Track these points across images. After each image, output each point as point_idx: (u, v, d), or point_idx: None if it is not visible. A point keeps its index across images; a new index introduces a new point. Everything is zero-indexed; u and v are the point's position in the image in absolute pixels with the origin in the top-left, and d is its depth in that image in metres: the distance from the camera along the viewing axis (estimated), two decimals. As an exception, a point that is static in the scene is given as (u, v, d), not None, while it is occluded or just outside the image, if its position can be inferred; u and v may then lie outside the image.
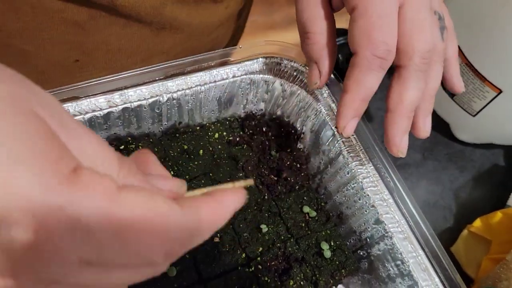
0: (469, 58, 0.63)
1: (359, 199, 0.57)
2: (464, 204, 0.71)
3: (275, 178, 0.60)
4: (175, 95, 0.57)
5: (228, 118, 0.64)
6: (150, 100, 0.56)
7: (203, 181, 0.57)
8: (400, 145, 0.50)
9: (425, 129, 0.52)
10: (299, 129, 0.63)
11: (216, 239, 0.53)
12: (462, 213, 0.70)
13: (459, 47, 0.62)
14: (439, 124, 0.76)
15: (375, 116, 0.76)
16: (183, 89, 0.57)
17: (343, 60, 0.72)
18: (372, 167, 0.57)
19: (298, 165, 0.62)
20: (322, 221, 0.58)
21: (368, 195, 0.56)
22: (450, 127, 0.75)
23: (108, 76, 0.54)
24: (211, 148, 0.60)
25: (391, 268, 0.54)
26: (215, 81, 0.59)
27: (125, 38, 0.63)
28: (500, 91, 0.62)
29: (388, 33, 0.45)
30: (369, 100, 0.49)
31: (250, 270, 0.53)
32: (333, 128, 0.59)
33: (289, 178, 0.60)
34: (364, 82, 0.47)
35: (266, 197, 0.58)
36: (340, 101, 0.49)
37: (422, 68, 0.47)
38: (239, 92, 0.61)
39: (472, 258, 0.64)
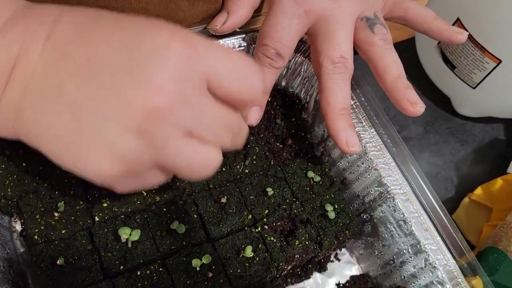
0: (469, 29, 0.65)
1: (362, 163, 0.58)
2: (465, 175, 0.72)
3: (280, 146, 0.62)
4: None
5: (234, 89, 0.65)
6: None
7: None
8: (348, 141, 0.53)
9: (413, 103, 0.54)
10: (303, 99, 0.65)
11: (223, 200, 0.55)
12: (463, 184, 0.71)
13: (458, 18, 0.64)
14: (440, 99, 0.77)
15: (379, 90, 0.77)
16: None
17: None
18: (375, 132, 0.59)
19: (303, 134, 0.64)
20: (326, 185, 0.59)
21: (371, 158, 0.57)
22: (451, 102, 0.76)
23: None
24: (217, 116, 0.61)
25: (393, 229, 0.56)
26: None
27: (161, 7, 0.64)
28: (500, 61, 0.64)
29: (277, 41, 0.53)
30: (267, 92, 0.57)
31: (257, 230, 0.54)
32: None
33: (293, 146, 0.62)
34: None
35: (272, 163, 0.60)
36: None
37: (336, 71, 0.53)
38: (245, 62, 0.63)
39: (473, 225, 0.65)
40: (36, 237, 0.50)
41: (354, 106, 0.60)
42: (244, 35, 0.61)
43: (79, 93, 0.35)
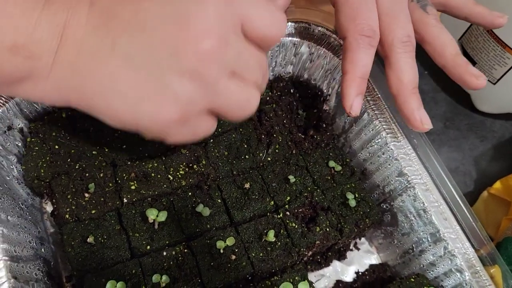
0: (491, 25, 0.65)
1: (383, 154, 0.59)
2: (484, 170, 0.73)
3: (302, 136, 0.63)
4: (209, 53, 0.60)
5: (258, 80, 0.67)
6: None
7: (233, 135, 0.60)
8: (423, 120, 0.54)
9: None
10: (325, 91, 0.66)
11: (247, 185, 0.56)
12: (481, 179, 0.72)
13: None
14: (460, 95, 0.78)
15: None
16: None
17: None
18: (396, 123, 0.60)
19: (324, 125, 0.65)
20: (347, 175, 0.61)
21: (391, 149, 0.58)
22: (471, 98, 0.77)
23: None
24: (241, 106, 0.63)
25: (413, 218, 0.57)
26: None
27: None
28: (521, 57, 0.65)
29: (369, 17, 0.53)
30: (367, 77, 0.54)
31: (278, 216, 0.55)
32: (358, 87, 0.62)
33: (315, 136, 0.63)
34: (358, 61, 0.53)
35: (293, 152, 0.61)
36: (341, 83, 0.54)
37: (407, 50, 0.53)
38: (269, 54, 0.64)
39: (491, 218, 0.66)
40: (67, 216, 0.51)
41: (376, 98, 0.61)
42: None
43: (132, 46, 0.37)
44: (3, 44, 0.36)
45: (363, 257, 0.62)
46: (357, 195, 0.58)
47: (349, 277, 0.60)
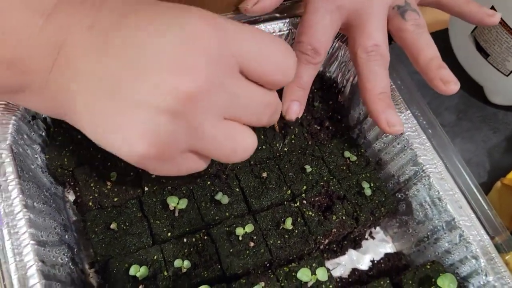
0: (503, 17, 0.66)
1: (398, 144, 0.60)
2: (497, 162, 0.73)
3: (318, 127, 0.64)
4: (226, 45, 0.62)
5: (273, 73, 0.68)
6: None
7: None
8: (389, 121, 0.55)
9: (446, 81, 0.55)
10: (340, 83, 0.67)
11: (264, 175, 0.57)
12: (495, 170, 0.73)
13: (493, 6, 0.65)
14: (473, 88, 0.79)
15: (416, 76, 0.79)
16: (233, 41, 0.62)
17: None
18: (411, 114, 0.60)
19: (339, 117, 0.66)
20: (362, 165, 0.62)
21: (406, 139, 0.59)
22: (484, 90, 0.78)
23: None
24: (258, 97, 0.64)
25: (428, 207, 0.58)
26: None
27: None
28: (534, 48, 0.65)
29: (313, 35, 0.56)
30: (306, 88, 0.58)
31: (295, 205, 0.57)
32: (373, 79, 0.62)
33: (330, 128, 0.64)
34: (298, 73, 0.56)
35: (309, 143, 0.62)
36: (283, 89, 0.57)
37: (371, 58, 0.56)
38: (285, 46, 0.65)
39: (505, 208, 0.66)
40: (90, 203, 0.53)
41: (391, 89, 0.61)
42: (286, 20, 0.64)
43: (116, 76, 0.37)
44: (1, 58, 0.37)
45: (378, 246, 0.63)
46: (372, 185, 0.59)
47: (364, 265, 0.61)
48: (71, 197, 0.58)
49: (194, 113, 0.37)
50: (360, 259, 0.62)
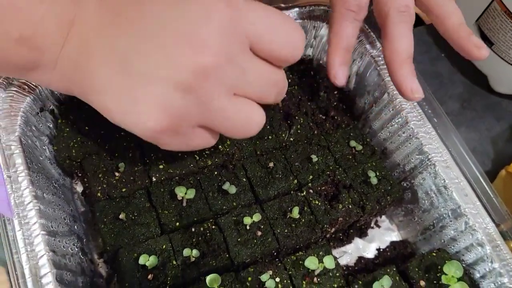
0: (507, 5, 0.66)
1: (403, 133, 0.60)
2: (502, 150, 0.74)
3: (323, 117, 0.64)
4: (231, 36, 0.62)
5: (278, 63, 0.68)
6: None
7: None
8: (413, 89, 0.53)
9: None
10: (344, 73, 0.67)
11: (271, 164, 0.58)
12: (499, 159, 0.73)
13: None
14: (477, 77, 0.79)
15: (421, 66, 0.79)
16: (239, 31, 0.62)
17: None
18: (416, 103, 0.61)
19: (344, 106, 0.66)
20: (368, 154, 0.62)
21: (412, 128, 0.59)
22: (488, 79, 0.78)
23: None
24: (263, 88, 0.64)
25: (433, 195, 0.58)
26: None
27: None
28: (539, 37, 0.65)
29: None
30: (351, 49, 0.57)
31: (302, 194, 0.57)
32: (378, 68, 0.63)
33: (336, 117, 0.64)
34: (342, 33, 0.55)
35: (315, 133, 0.63)
36: (326, 54, 0.56)
37: (402, 19, 0.53)
38: (289, 36, 0.65)
39: (510, 196, 0.67)
40: (99, 194, 0.53)
41: (396, 78, 0.62)
42: (298, 9, 0.64)
43: (130, 50, 0.37)
44: (10, 35, 0.37)
45: (384, 234, 0.64)
46: (378, 173, 0.60)
47: (370, 253, 0.62)
48: (79, 188, 0.59)
49: (206, 87, 0.37)
50: (366, 247, 0.62)
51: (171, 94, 0.37)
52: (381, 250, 0.62)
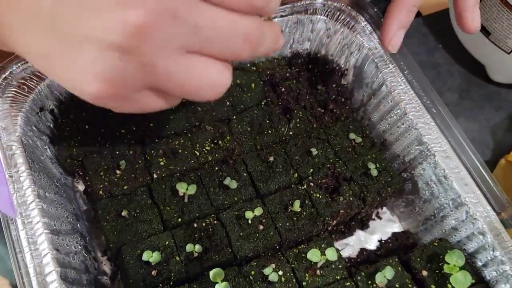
0: (505, -6, 0.66)
1: (402, 124, 0.61)
2: (501, 140, 0.74)
3: (322, 110, 0.65)
4: (229, 31, 0.62)
5: (276, 57, 0.68)
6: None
7: (255, 112, 0.62)
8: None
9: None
10: (342, 66, 0.67)
11: (271, 158, 0.58)
12: (498, 148, 0.73)
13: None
14: (475, 67, 0.79)
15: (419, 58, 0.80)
16: (236, 27, 0.62)
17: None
18: (414, 94, 0.61)
19: (343, 99, 0.66)
20: (368, 146, 0.62)
21: (411, 119, 0.59)
22: (486, 69, 0.78)
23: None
24: (262, 83, 0.64)
25: (434, 185, 0.58)
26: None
27: None
28: (535, 25, 0.65)
29: None
30: (416, 8, 0.51)
31: (303, 187, 0.57)
32: (375, 60, 0.63)
33: (335, 110, 0.65)
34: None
35: (314, 126, 0.63)
36: (386, 12, 0.51)
37: None
38: (286, 30, 0.66)
39: (510, 185, 0.67)
40: (101, 192, 0.53)
41: (393, 70, 0.62)
42: (295, 3, 0.64)
43: (57, 10, 0.32)
44: None
45: (385, 225, 0.64)
46: (378, 165, 0.60)
47: (372, 245, 0.62)
48: (80, 187, 0.59)
49: (145, 48, 0.33)
50: (367, 239, 0.63)
51: (106, 57, 0.33)
52: (383, 241, 0.62)
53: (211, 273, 0.49)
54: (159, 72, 0.34)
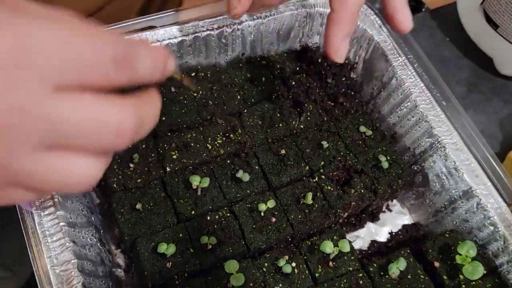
0: (513, -13, 0.66)
1: (413, 117, 0.61)
2: (509, 132, 0.74)
3: (332, 104, 0.65)
4: (239, 26, 0.62)
5: (286, 51, 0.68)
6: (218, 30, 0.61)
7: (266, 105, 0.62)
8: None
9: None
10: (352, 59, 0.68)
11: (283, 151, 0.58)
12: (507, 141, 0.73)
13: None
14: (483, 60, 0.79)
15: (429, 49, 0.80)
16: (246, 21, 0.62)
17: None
18: (424, 87, 0.61)
19: (353, 93, 0.67)
20: (378, 139, 0.62)
21: (421, 111, 0.60)
22: (494, 62, 0.78)
23: (180, 8, 0.60)
24: (272, 76, 0.65)
25: (444, 178, 0.59)
26: (274, 14, 0.64)
27: None
28: (544, 17, 0.66)
29: None
30: (358, 15, 0.50)
31: (314, 180, 0.58)
32: (385, 54, 0.63)
33: (345, 103, 0.65)
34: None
35: (325, 119, 0.63)
36: (328, 21, 0.49)
37: None
38: (296, 25, 0.66)
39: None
40: (114, 185, 0.54)
41: (403, 63, 0.62)
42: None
43: None
44: None
45: (396, 218, 0.64)
46: (388, 158, 0.60)
47: (383, 237, 0.63)
48: (93, 180, 0.59)
49: None
50: (378, 231, 0.63)
51: None
52: (394, 233, 0.62)
53: (226, 264, 0.49)
54: (16, 171, 0.30)
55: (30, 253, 0.45)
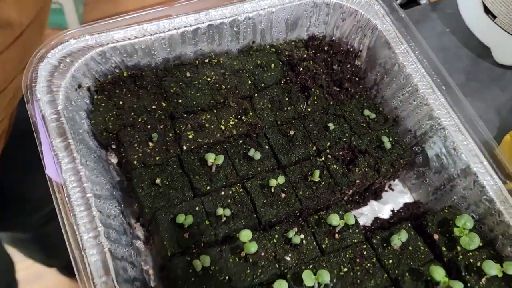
0: (510, -21, 0.70)
1: (414, 101, 0.65)
2: (506, 118, 0.78)
3: (337, 89, 0.69)
4: (251, 15, 0.66)
5: (294, 40, 0.72)
6: (230, 19, 0.65)
7: (275, 90, 0.66)
8: None
9: None
10: (356, 47, 0.71)
11: (291, 132, 0.62)
12: (504, 126, 0.77)
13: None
14: (481, 50, 0.83)
15: (431, 40, 0.83)
16: (257, 10, 0.66)
17: None
18: (425, 72, 0.65)
19: (357, 78, 0.70)
20: (381, 121, 0.66)
21: (422, 95, 0.63)
22: (492, 52, 0.82)
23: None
24: (281, 63, 0.68)
25: (444, 157, 0.62)
26: (283, 4, 0.68)
27: None
28: (539, 8, 0.69)
29: None
30: None
31: (321, 159, 0.61)
32: (388, 41, 0.67)
33: (349, 89, 0.69)
34: None
35: (331, 103, 0.67)
36: None
37: None
38: (304, 14, 0.70)
39: (514, 159, 0.71)
40: (135, 162, 0.58)
41: (405, 50, 0.66)
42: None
43: None
44: None
45: (398, 196, 0.68)
46: (391, 139, 0.64)
47: (385, 214, 0.66)
48: (113, 159, 0.63)
49: None
50: (381, 209, 0.67)
51: None
52: (395, 211, 0.66)
53: (241, 233, 0.53)
54: None
55: (61, 223, 0.49)
